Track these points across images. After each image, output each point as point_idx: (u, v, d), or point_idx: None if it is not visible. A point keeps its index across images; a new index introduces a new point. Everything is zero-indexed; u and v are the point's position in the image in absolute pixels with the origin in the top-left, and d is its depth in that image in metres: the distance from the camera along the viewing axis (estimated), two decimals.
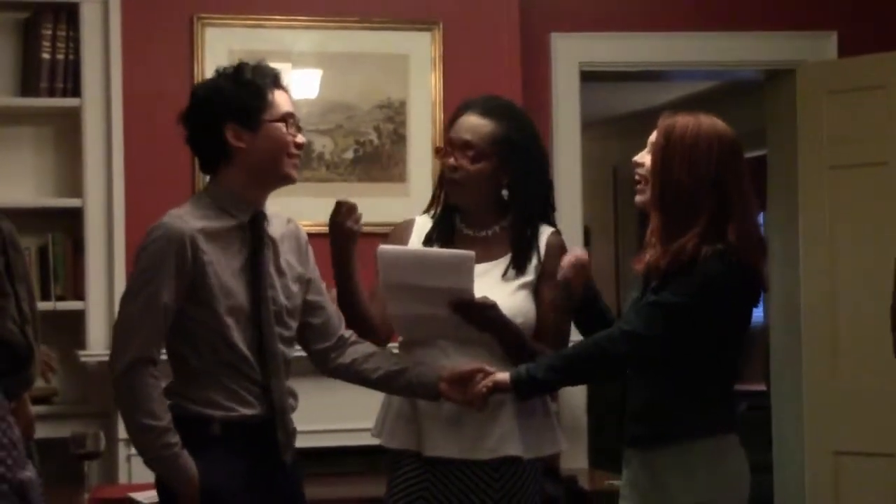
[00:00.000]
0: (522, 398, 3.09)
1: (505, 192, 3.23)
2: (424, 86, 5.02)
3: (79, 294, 4.79)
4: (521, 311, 3.16)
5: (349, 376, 3.16)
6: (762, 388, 6.51)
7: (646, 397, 3.05)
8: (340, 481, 4.58)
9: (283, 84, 3.02)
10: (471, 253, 3.07)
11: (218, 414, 2.92)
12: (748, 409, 6.84)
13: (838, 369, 5.27)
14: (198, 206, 2.98)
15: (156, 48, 4.83)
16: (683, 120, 3.03)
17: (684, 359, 2.98)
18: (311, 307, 3.11)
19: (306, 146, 3.12)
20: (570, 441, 5.44)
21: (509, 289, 3.19)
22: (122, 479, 4.61)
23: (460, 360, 3.09)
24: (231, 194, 2.97)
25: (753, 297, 3.06)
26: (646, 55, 5.44)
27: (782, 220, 5.63)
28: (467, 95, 3.41)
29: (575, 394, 5.16)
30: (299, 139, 3.01)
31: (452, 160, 3.19)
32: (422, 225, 3.31)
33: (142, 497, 3.96)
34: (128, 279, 3.05)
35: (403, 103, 5.02)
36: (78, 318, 4.76)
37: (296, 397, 3.06)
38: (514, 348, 3.13)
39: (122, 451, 4.56)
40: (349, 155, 4.96)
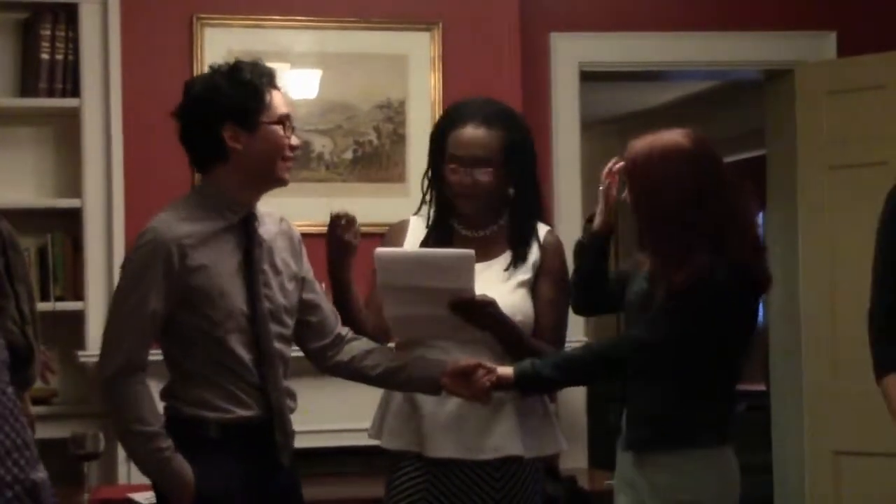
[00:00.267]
0: (524, 394, 3.09)
1: (511, 190, 3.22)
2: (424, 86, 5.01)
3: (78, 294, 4.78)
4: (520, 309, 3.16)
5: (348, 373, 3.15)
6: (762, 388, 6.50)
7: (646, 403, 3.06)
8: (340, 481, 4.58)
9: (278, 84, 2.99)
10: (471, 252, 3.06)
11: (214, 416, 2.89)
12: (748, 409, 6.84)
13: (838, 369, 5.26)
14: (187, 207, 2.95)
15: (155, 48, 4.83)
16: (641, 149, 3.05)
17: (689, 366, 3.00)
18: (307, 305, 3.09)
19: (306, 146, 3.11)
20: (570, 441, 5.43)
21: (508, 287, 3.18)
22: (122, 479, 4.60)
23: (461, 357, 3.08)
24: (225, 195, 2.94)
25: (757, 305, 3.08)
26: (646, 55, 5.44)
27: (782, 220, 5.63)
28: (467, 95, 3.40)
29: (575, 394, 5.16)
30: (294, 141, 2.98)
31: (468, 178, 3.16)
32: (416, 225, 3.31)
33: (141, 497, 3.96)
34: (116, 286, 3.03)
35: (403, 103, 5.01)
36: (77, 319, 4.75)
37: (294, 398, 3.04)
38: (513, 346, 3.12)
39: (121, 451, 4.54)
40: (348, 155, 4.95)
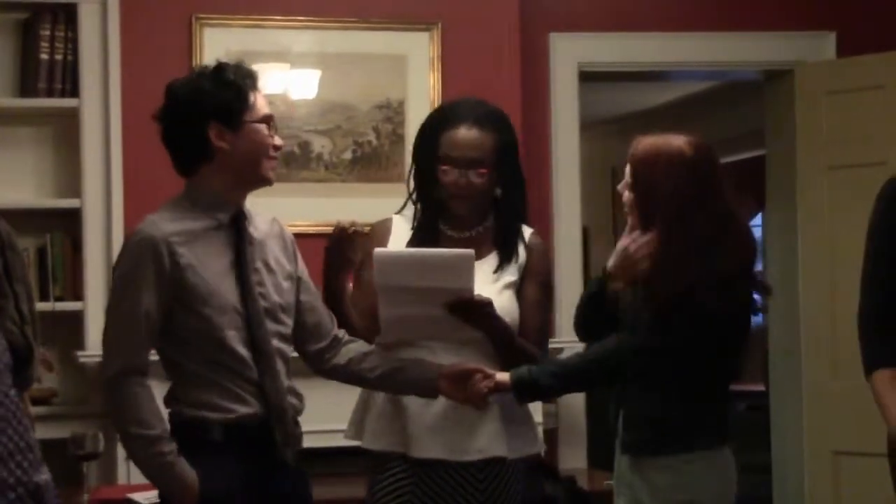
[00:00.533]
0: (521, 401, 3.11)
1: (499, 190, 3.24)
2: (423, 86, 5.01)
3: (77, 294, 4.79)
4: (507, 310, 3.17)
5: (345, 376, 3.15)
6: (762, 388, 6.50)
7: (644, 406, 3.06)
8: (340, 481, 4.57)
9: (259, 86, 3.01)
10: (471, 252, 3.06)
11: (216, 416, 2.89)
12: (748, 409, 6.83)
13: (838, 369, 5.26)
14: (176, 209, 2.96)
15: (154, 48, 4.83)
16: (644, 149, 3.03)
17: (688, 369, 3.00)
18: (303, 307, 3.09)
19: (305, 146, 3.12)
20: (569, 441, 5.43)
21: (496, 288, 3.19)
22: (122, 479, 4.60)
23: (450, 360, 3.09)
24: (212, 194, 2.95)
25: (748, 309, 3.08)
26: (645, 55, 5.45)
27: (781, 220, 5.63)
28: (466, 95, 3.39)
29: (574, 395, 5.15)
30: (277, 141, 3.00)
31: (463, 180, 3.17)
32: (399, 224, 3.31)
33: (141, 498, 3.96)
34: (109, 289, 3.03)
35: (402, 103, 5.01)
36: (77, 319, 4.75)
37: (301, 398, 3.03)
38: (504, 347, 3.14)
39: (121, 451, 4.53)
40: (348, 155, 4.95)
